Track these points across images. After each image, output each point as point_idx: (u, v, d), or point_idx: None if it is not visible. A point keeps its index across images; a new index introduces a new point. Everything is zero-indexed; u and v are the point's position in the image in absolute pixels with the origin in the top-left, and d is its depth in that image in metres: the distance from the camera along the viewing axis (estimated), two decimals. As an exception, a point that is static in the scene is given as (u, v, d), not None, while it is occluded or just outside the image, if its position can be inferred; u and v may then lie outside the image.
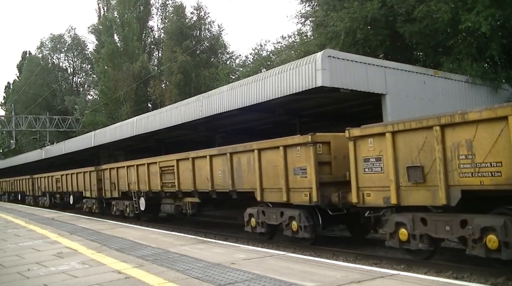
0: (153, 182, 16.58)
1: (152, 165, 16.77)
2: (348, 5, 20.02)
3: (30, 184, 33.81)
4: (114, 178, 19.77)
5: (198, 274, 6.26)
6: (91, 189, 22.29)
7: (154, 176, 16.42)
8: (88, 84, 61.73)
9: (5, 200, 42.62)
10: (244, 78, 18.86)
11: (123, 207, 19.38)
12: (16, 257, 8.77)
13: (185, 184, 14.67)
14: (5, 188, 42.76)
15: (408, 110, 13.39)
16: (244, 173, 11.91)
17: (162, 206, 16.81)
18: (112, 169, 20.19)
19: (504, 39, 17.16)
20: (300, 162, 10.25)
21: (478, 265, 8.30)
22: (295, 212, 10.57)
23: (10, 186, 40.45)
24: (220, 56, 44.60)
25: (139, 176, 17.61)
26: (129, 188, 18.44)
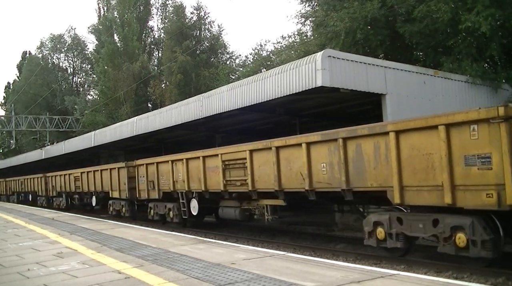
0: (211, 180, 13.53)
1: (210, 158, 13.59)
2: (348, 5, 20.02)
3: (43, 183, 30.68)
4: (153, 176, 16.88)
5: (198, 274, 6.26)
6: (120, 189, 19.50)
7: (213, 172, 13.37)
8: (88, 84, 61.81)
9: (13, 200, 39.14)
10: (244, 78, 18.86)
11: (164, 210, 16.47)
12: (16, 257, 8.76)
13: (263, 181, 11.45)
14: (13, 188, 39.62)
15: (408, 110, 13.39)
16: (368, 165, 8.91)
17: (221, 209, 13.86)
18: (150, 164, 17.20)
19: (504, 39, 17.16)
20: (479, 147, 7.24)
21: (478, 265, 8.31)
22: (465, 220, 7.57)
23: (20, 186, 37.26)
24: (220, 56, 44.64)
25: (189, 172, 14.59)
26: (175, 187, 15.48)
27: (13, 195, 40.01)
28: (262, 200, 11.89)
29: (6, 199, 42.06)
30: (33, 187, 33.22)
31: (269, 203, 11.73)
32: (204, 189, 13.83)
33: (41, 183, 31.24)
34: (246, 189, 12.03)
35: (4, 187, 42.93)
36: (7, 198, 41.77)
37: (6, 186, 42.49)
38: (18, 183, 37.88)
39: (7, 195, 41.95)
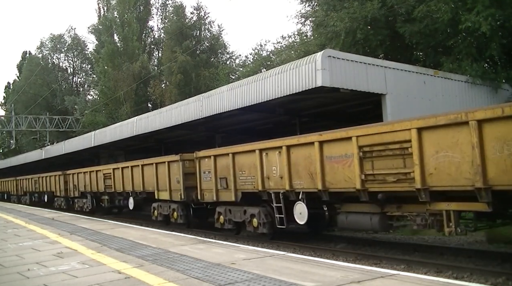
0: (334, 175, 9.62)
1: (333, 144, 9.66)
2: (348, 5, 20.02)
3: (62, 182, 26.96)
4: (226, 171, 12.87)
5: (198, 274, 6.26)
6: (171, 188, 15.70)
7: (339, 163, 9.46)
8: (88, 84, 61.82)
9: (26, 201, 34.67)
10: (244, 78, 18.86)
11: (243, 217, 12.61)
12: (16, 257, 8.77)
13: (445, 174, 7.63)
14: (26, 188, 35.24)
15: (408, 110, 13.39)
16: None
17: (344, 216, 10.05)
18: (222, 156, 13.17)
19: (504, 39, 17.15)
20: None
21: (478, 265, 8.32)
22: None
23: (33, 185, 32.98)
24: (220, 56, 44.64)
25: (293, 165, 10.63)
26: (264, 186, 11.56)
27: (25, 196, 35.68)
28: (439, 203, 8.04)
29: (17, 200, 37.70)
30: (49, 186, 29.35)
31: (458, 208, 7.89)
32: (322, 188, 9.83)
33: (59, 182, 27.37)
34: (409, 187, 8.20)
35: (15, 186, 38.33)
36: (18, 199, 37.47)
37: (17, 185, 37.82)
38: (31, 182, 33.55)
39: (18, 195, 37.58)
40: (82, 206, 24.22)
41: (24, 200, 35.43)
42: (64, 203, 27.12)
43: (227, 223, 13.41)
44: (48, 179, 29.55)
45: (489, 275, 7.59)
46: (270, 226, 11.83)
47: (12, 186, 39.25)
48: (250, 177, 12.09)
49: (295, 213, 10.82)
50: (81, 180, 24.12)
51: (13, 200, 38.68)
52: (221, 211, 13.57)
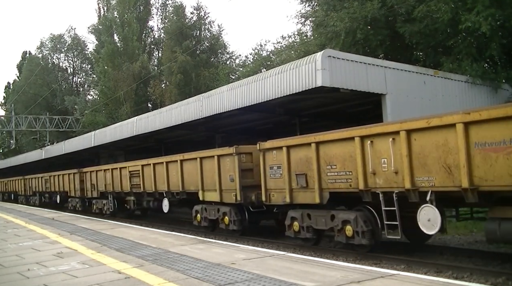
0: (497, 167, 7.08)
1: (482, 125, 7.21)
2: (348, 5, 20.01)
3: (77, 181, 24.38)
4: (306, 165, 10.37)
5: (198, 274, 6.26)
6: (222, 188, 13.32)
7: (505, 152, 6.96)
8: (88, 84, 61.83)
9: (35, 202, 32.48)
10: (244, 78, 18.86)
11: (328, 224, 10.19)
12: (16, 257, 8.77)
13: None
14: (35, 187, 32.60)
15: (408, 110, 13.39)
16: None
17: (497, 224, 7.39)
18: (298, 146, 10.70)
19: (504, 39, 17.15)
20: None
21: (478, 265, 8.32)
22: None
23: (44, 185, 30.44)
24: (220, 56, 44.63)
25: (413, 154, 8.24)
26: (368, 184, 9.12)
27: (34, 196, 33.22)
28: None
29: (25, 200, 35.45)
30: (62, 185, 26.95)
31: None
32: (469, 186, 7.38)
33: (74, 181, 24.85)
34: None
35: (23, 186, 36.07)
36: (27, 200, 35.06)
37: (25, 184, 35.52)
38: (41, 181, 31.11)
39: (27, 195, 35.22)
40: (102, 208, 21.72)
41: (33, 201, 33.21)
42: (79, 204, 24.67)
43: (304, 231, 10.76)
44: (61, 177, 26.97)
45: (489, 275, 7.58)
46: (371, 236, 9.39)
47: (20, 186, 36.95)
48: (344, 173, 9.62)
49: (420, 219, 8.23)
50: (100, 179, 21.56)
51: (21, 201, 36.50)
52: (296, 216, 10.96)
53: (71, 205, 25.81)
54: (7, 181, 41.73)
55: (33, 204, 32.55)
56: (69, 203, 26.15)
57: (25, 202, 34.90)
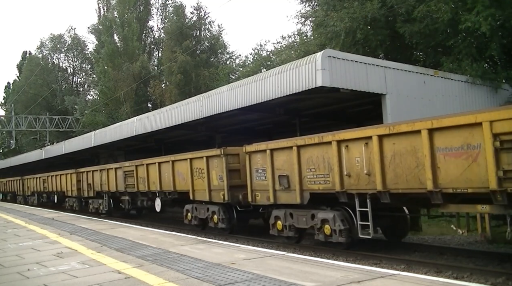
0: None
1: None
2: (348, 5, 20.02)
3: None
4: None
5: (198, 274, 6.26)
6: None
7: None
8: (88, 84, 61.84)
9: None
10: (244, 78, 18.86)
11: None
12: (16, 257, 8.77)
13: None
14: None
15: (408, 110, 13.40)
16: None
17: None
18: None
19: (504, 39, 17.16)
20: None
21: (478, 265, 8.32)
22: None
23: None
24: (220, 56, 44.62)
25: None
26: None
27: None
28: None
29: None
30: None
31: None
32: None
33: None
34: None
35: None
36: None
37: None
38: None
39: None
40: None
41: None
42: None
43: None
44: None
45: (489, 275, 7.59)
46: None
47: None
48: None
49: None
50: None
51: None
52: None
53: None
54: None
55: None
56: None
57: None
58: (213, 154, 13.63)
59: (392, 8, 18.98)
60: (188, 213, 15.32)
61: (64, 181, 26.22)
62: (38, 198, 32.20)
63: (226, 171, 13.01)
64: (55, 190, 27.97)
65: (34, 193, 32.87)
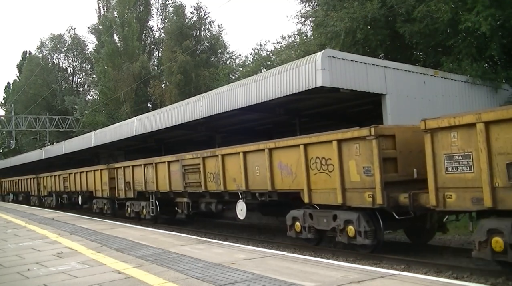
0: None
1: None
2: (348, 5, 20.01)
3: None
4: None
5: (198, 274, 6.26)
6: None
7: None
8: (88, 84, 61.85)
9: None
10: (244, 78, 18.86)
11: None
12: (16, 257, 8.76)
13: None
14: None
15: (408, 110, 13.40)
16: None
17: None
18: None
19: (504, 39, 17.15)
20: None
21: (478, 265, 8.32)
22: None
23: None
24: (220, 56, 44.65)
25: None
26: None
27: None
28: None
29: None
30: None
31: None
32: None
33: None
34: None
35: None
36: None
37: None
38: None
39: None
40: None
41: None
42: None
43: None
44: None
45: (489, 275, 7.58)
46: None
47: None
48: None
49: None
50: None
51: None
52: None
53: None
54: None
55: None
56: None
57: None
58: (352, 136, 9.27)
59: (392, 8, 18.98)
60: (296, 222, 10.88)
61: (92, 179, 22.11)
62: (56, 199, 28.29)
63: (379, 159, 8.73)
64: (79, 189, 23.97)
65: (52, 193, 28.82)
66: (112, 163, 24.01)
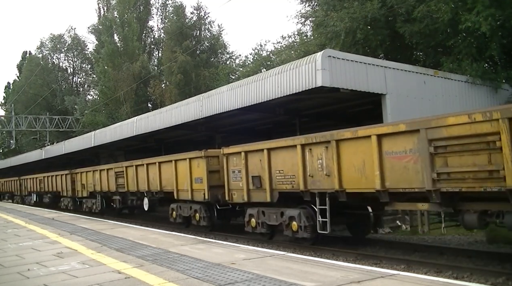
0: None
1: None
2: (348, 5, 20.02)
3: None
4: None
5: (198, 274, 6.26)
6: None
7: None
8: (88, 84, 61.86)
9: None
10: (244, 78, 18.86)
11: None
12: (16, 257, 8.76)
13: None
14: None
15: (408, 110, 13.39)
16: None
17: None
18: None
19: (504, 39, 17.15)
20: None
21: (478, 265, 8.32)
22: None
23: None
24: (220, 56, 44.65)
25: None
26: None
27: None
28: None
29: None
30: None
31: None
32: None
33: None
34: None
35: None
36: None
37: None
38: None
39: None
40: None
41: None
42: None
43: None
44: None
45: (489, 275, 7.58)
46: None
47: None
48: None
49: None
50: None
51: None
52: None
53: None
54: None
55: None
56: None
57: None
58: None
59: (392, 8, 18.98)
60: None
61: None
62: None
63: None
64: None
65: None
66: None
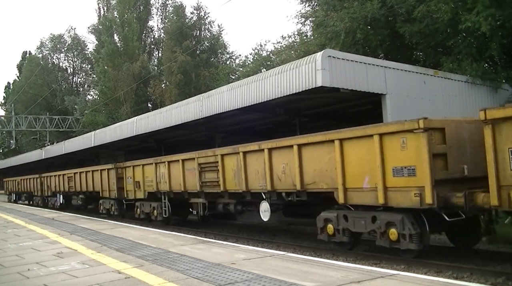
0: None
1: None
2: (348, 5, 20.00)
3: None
4: None
5: (198, 274, 6.26)
6: None
7: None
8: (88, 84, 61.88)
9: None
10: (244, 78, 18.85)
11: None
12: (16, 257, 8.77)
13: None
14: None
15: (408, 110, 13.38)
16: None
17: None
18: None
19: (504, 39, 17.12)
20: None
21: (478, 265, 8.32)
22: None
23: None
24: (220, 56, 44.64)
25: None
26: None
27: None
28: None
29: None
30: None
31: None
32: None
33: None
34: None
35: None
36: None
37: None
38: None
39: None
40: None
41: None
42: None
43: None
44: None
45: (489, 275, 7.58)
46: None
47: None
48: None
49: None
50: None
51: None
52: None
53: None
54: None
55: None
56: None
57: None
58: None
59: (392, 8, 18.97)
60: None
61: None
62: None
63: None
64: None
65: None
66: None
